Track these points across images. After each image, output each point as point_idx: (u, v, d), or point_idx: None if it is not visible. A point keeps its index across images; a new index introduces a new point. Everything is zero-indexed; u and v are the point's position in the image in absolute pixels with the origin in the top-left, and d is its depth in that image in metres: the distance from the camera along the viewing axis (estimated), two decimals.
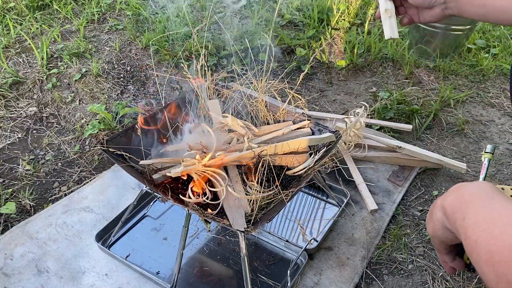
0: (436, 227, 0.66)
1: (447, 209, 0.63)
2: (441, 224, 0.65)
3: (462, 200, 0.60)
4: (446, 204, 0.63)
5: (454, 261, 0.71)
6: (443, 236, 0.66)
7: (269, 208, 1.16)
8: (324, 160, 1.27)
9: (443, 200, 0.65)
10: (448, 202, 0.63)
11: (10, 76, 2.24)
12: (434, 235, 0.68)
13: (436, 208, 0.67)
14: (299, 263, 1.38)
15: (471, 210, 0.57)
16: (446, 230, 0.64)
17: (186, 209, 1.14)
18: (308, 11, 2.86)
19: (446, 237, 0.66)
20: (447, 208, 0.63)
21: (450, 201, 0.63)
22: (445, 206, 0.63)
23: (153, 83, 2.31)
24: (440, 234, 0.66)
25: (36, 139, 1.98)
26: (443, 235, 0.66)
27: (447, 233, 0.65)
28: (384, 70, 2.45)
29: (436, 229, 0.67)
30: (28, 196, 1.66)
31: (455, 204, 0.61)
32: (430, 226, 0.69)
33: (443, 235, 0.66)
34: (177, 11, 2.84)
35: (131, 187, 1.67)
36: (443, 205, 0.64)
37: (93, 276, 1.36)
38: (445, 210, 0.63)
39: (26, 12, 2.87)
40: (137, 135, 1.26)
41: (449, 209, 0.62)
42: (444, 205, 0.64)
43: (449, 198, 0.64)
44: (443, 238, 0.66)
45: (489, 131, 2.01)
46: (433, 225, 0.68)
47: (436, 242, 0.69)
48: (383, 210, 1.59)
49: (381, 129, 1.98)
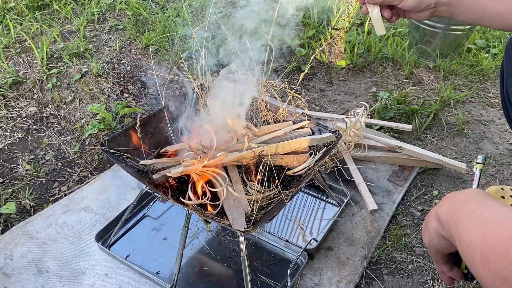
0: (432, 236, 0.67)
1: (441, 217, 0.64)
2: (436, 232, 0.66)
3: (454, 207, 0.62)
4: (440, 213, 0.64)
5: (451, 271, 0.72)
6: (439, 245, 0.67)
7: (269, 208, 1.16)
8: (324, 160, 1.27)
9: (437, 209, 0.66)
10: (442, 210, 0.64)
11: (10, 76, 2.24)
12: (430, 245, 0.69)
13: (431, 218, 0.68)
14: (299, 263, 1.38)
15: (463, 215, 0.58)
16: (441, 239, 0.65)
17: (186, 209, 1.14)
18: (308, 11, 2.86)
19: (442, 246, 0.66)
20: (441, 217, 0.64)
21: (443, 210, 0.64)
22: (439, 214, 0.64)
23: (153, 83, 2.31)
24: (436, 243, 0.67)
25: (36, 139, 1.98)
26: (439, 244, 0.67)
27: (442, 242, 0.66)
28: (384, 70, 2.45)
29: (432, 238, 0.67)
30: (28, 196, 1.66)
31: (448, 212, 0.62)
32: (426, 235, 0.70)
33: (439, 244, 0.67)
34: (177, 11, 2.84)
35: (131, 187, 1.67)
36: (437, 214, 0.65)
37: (93, 276, 1.36)
38: (439, 219, 0.64)
39: (26, 12, 2.87)
40: (137, 135, 1.26)
41: (443, 217, 0.63)
42: (438, 214, 0.65)
43: (442, 206, 0.65)
44: (439, 247, 0.67)
45: (489, 131, 2.01)
46: (428, 235, 0.69)
47: (432, 252, 0.70)
48: (383, 210, 1.59)
49: (381, 129, 1.98)
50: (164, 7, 2.99)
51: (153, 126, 1.36)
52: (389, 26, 2.85)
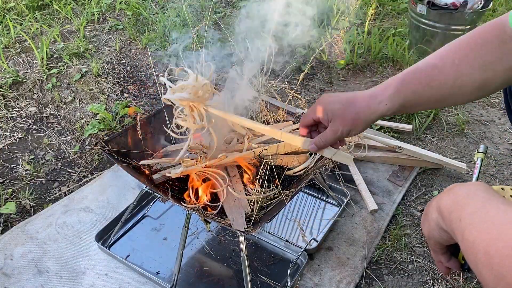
0: (432, 228, 0.66)
1: (443, 210, 0.62)
2: (437, 224, 0.65)
3: (457, 202, 0.60)
4: (442, 205, 0.63)
5: (449, 261, 0.71)
6: (438, 237, 0.66)
7: (269, 208, 1.16)
8: (324, 160, 1.27)
9: (438, 200, 0.65)
10: (444, 203, 0.63)
11: (10, 76, 2.24)
12: (429, 236, 0.68)
13: (432, 209, 0.66)
14: (299, 263, 1.38)
15: (467, 211, 0.57)
16: (441, 231, 0.64)
17: (186, 209, 1.14)
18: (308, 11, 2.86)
19: (441, 238, 0.65)
20: (443, 210, 0.62)
21: (445, 202, 0.62)
22: (440, 207, 0.63)
23: (153, 83, 2.31)
24: (436, 234, 0.66)
25: (36, 139, 1.98)
26: (439, 236, 0.65)
27: (442, 234, 0.64)
28: (384, 70, 2.45)
29: (432, 229, 0.66)
30: (28, 196, 1.66)
31: (450, 206, 0.61)
32: (426, 226, 0.68)
33: (439, 236, 0.65)
34: (177, 11, 2.84)
35: (131, 187, 1.67)
36: (438, 206, 0.64)
37: (93, 276, 1.36)
38: (441, 211, 0.63)
39: (26, 12, 2.87)
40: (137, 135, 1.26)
41: (445, 210, 0.62)
42: (440, 206, 0.63)
43: (444, 199, 0.63)
44: (439, 239, 0.66)
45: (489, 131, 2.01)
46: (428, 226, 0.67)
47: (431, 242, 0.69)
48: (383, 210, 1.59)
49: (381, 129, 1.98)
50: (164, 7, 2.99)
51: (153, 126, 1.36)
52: (389, 26, 2.85)
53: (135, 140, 1.31)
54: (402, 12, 3.06)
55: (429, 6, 2.34)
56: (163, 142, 1.37)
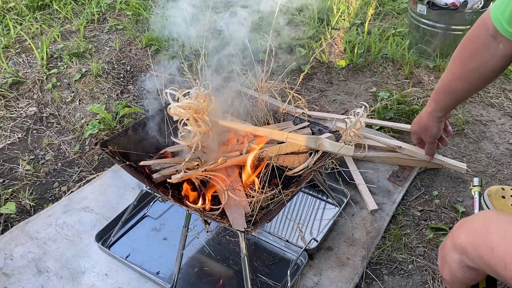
0: (454, 270, 0.63)
1: (465, 247, 0.59)
2: (460, 264, 0.62)
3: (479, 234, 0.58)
4: (462, 243, 0.60)
5: None
6: (463, 277, 0.63)
7: (269, 208, 1.16)
8: (324, 160, 1.27)
9: (453, 240, 0.62)
10: (463, 240, 0.60)
11: (10, 76, 2.24)
12: (453, 280, 0.65)
13: (448, 251, 0.64)
14: (299, 263, 1.38)
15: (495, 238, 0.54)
16: (467, 270, 0.62)
17: (186, 209, 1.14)
18: (308, 11, 2.86)
19: (467, 278, 0.63)
20: (465, 247, 0.59)
21: (465, 240, 0.60)
22: (462, 245, 0.60)
23: (153, 83, 2.30)
24: (460, 275, 0.63)
25: (36, 139, 1.98)
26: (463, 276, 0.63)
27: (468, 273, 0.62)
28: (384, 70, 2.45)
29: (454, 272, 0.63)
30: (28, 196, 1.66)
31: (473, 240, 0.58)
32: (447, 271, 0.65)
33: (463, 276, 0.63)
34: (177, 11, 2.84)
35: (131, 187, 1.67)
36: (458, 245, 0.61)
37: (93, 276, 1.36)
38: (463, 250, 0.60)
39: (26, 12, 2.87)
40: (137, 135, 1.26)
41: (468, 247, 0.59)
42: (460, 245, 0.61)
43: (461, 236, 0.61)
44: (464, 279, 0.63)
45: (489, 131, 2.01)
46: (449, 269, 0.64)
47: (457, 286, 0.66)
48: (383, 210, 1.59)
49: (381, 129, 1.98)
50: (164, 7, 2.98)
51: (153, 126, 1.36)
52: (389, 26, 2.85)
53: (135, 140, 1.31)
54: (402, 12, 3.06)
55: (429, 6, 2.34)
56: (163, 142, 1.37)
